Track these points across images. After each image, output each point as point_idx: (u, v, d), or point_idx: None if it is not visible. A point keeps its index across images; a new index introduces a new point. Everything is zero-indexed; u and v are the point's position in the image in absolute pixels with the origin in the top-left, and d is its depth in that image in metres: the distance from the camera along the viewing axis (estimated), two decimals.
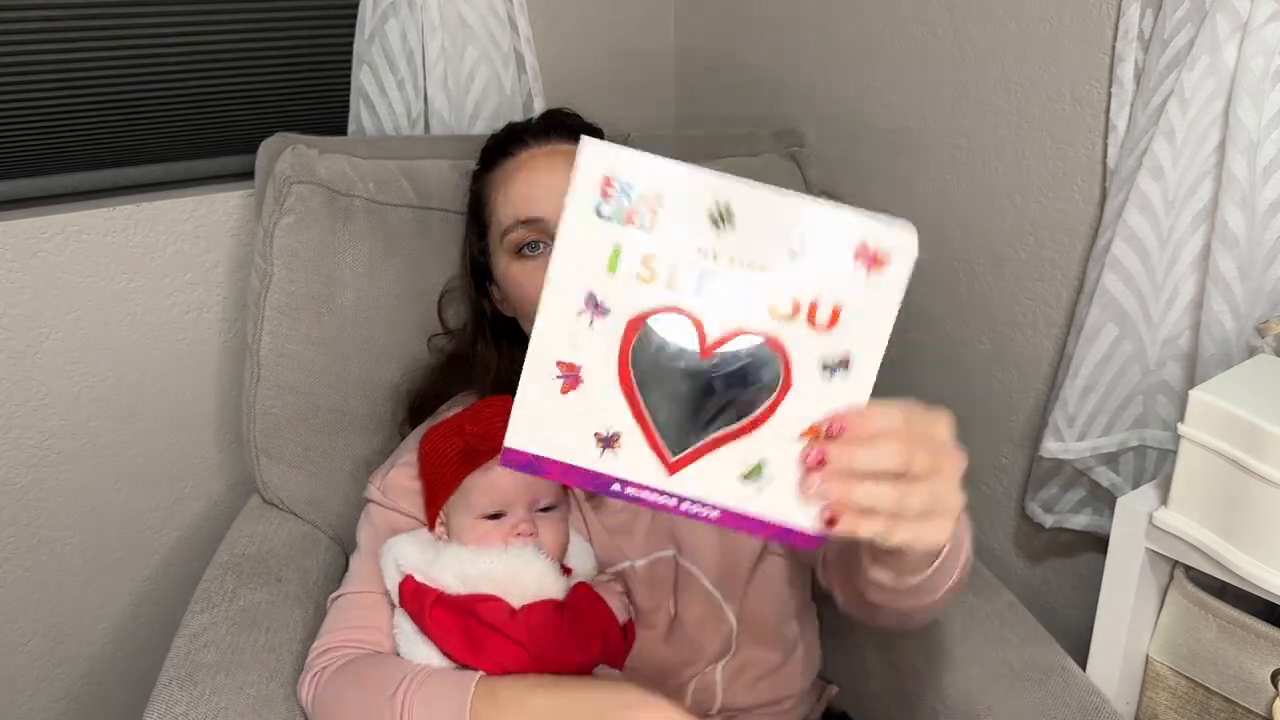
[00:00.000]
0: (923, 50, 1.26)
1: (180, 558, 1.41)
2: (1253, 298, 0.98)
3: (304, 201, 1.13)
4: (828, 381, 0.56)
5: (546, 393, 0.57)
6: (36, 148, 1.22)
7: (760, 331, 0.56)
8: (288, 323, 1.13)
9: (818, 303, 0.55)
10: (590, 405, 0.57)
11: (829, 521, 0.57)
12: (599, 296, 0.56)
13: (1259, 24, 0.90)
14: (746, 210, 0.54)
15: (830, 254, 0.54)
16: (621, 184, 0.54)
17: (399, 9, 1.25)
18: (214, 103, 1.30)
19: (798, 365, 0.56)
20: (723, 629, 0.97)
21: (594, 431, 0.58)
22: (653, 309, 0.56)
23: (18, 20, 1.13)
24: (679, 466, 0.59)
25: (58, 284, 1.22)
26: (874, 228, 0.54)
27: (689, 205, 0.54)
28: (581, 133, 1.04)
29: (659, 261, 0.55)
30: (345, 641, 0.91)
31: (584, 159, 0.54)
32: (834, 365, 0.56)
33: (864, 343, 0.56)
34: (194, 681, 0.92)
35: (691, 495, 0.59)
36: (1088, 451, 1.11)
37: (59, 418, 1.26)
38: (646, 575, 0.98)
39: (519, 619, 0.84)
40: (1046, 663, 0.98)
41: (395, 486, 0.97)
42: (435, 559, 0.88)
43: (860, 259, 0.54)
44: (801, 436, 0.57)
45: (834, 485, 0.56)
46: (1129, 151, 1.03)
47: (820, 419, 0.57)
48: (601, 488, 0.59)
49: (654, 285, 0.55)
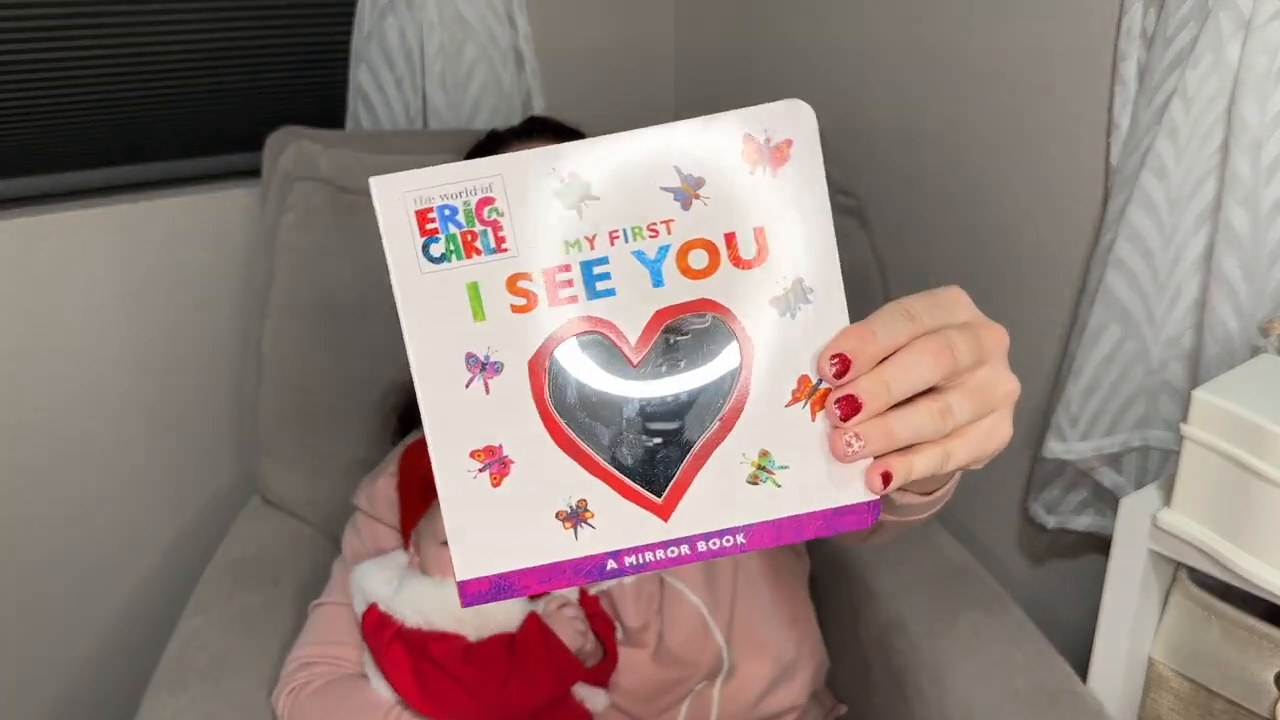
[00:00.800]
0: (924, 49, 1.26)
1: (179, 558, 1.40)
2: (1256, 297, 0.97)
3: (307, 198, 1.12)
4: (791, 321, 0.45)
5: (475, 496, 0.46)
6: (34, 146, 1.22)
7: (685, 302, 0.45)
8: (290, 321, 1.13)
9: (734, 236, 0.45)
10: (534, 485, 0.46)
11: (885, 478, 0.45)
12: (480, 354, 0.45)
13: (1262, 22, 0.89)
14: (596, 169, 0.44)
15: (718, 173, 0.44)
16: (442, 212, 0.44)
17: (397, 7, 1.24)
18: (212, 101, 1.30)
19: (748, 319, 0.45)
20: (711, 647, 0.95)
21: (554, 512, 0.47)
22: (549, 338, 0.45)
23: (15, 19, 1.13)
24: (671, 506, 0.47)
25: (55, 283, 1.22)
26: (753, 117, 0.44)
27: (531, 196, 0.44)
28: (561, 128, 1.04)
29: (529, 279, 0.44)
30: (322, 657, 0.91)
31: (380, 202, 0.44)
32: (789, 299, 0.45)
33: (810, 257, 0.45)
34: (183, 687, 0.92)
35: (702, 531, 0.47)
36: (1090, 452, 1.11)
37: (56, 418, 1.26)
38: (634, 593, 0.96)
39: (473, 658, 0.83)
40: (1054, 685, 0.96)
41: (382, 497, 0.96)
42: (398, 589, 0.87)
43: (756, 160, 0.44)
44: (793, 400, 0.46)
45: (873, 432, 0.43)
46: (1132, 150, 1.03)
47: (805, 368, 0.45)
48: (595, 574, 0.47)
49: (537, 310, 0.45)
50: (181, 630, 0.99)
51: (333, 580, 0.97)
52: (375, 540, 0.96)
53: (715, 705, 0.96)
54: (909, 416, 0.43)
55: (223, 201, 1.29)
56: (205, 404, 1.36)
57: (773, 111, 0.44)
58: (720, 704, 0.96)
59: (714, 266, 0.45)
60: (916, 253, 1.31)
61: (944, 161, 1.26)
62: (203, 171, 1.34)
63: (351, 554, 0.96)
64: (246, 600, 1.03)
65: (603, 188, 0.44)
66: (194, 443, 1.37)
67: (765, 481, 0.47)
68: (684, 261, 0.45)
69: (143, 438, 1.32)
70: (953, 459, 0.45)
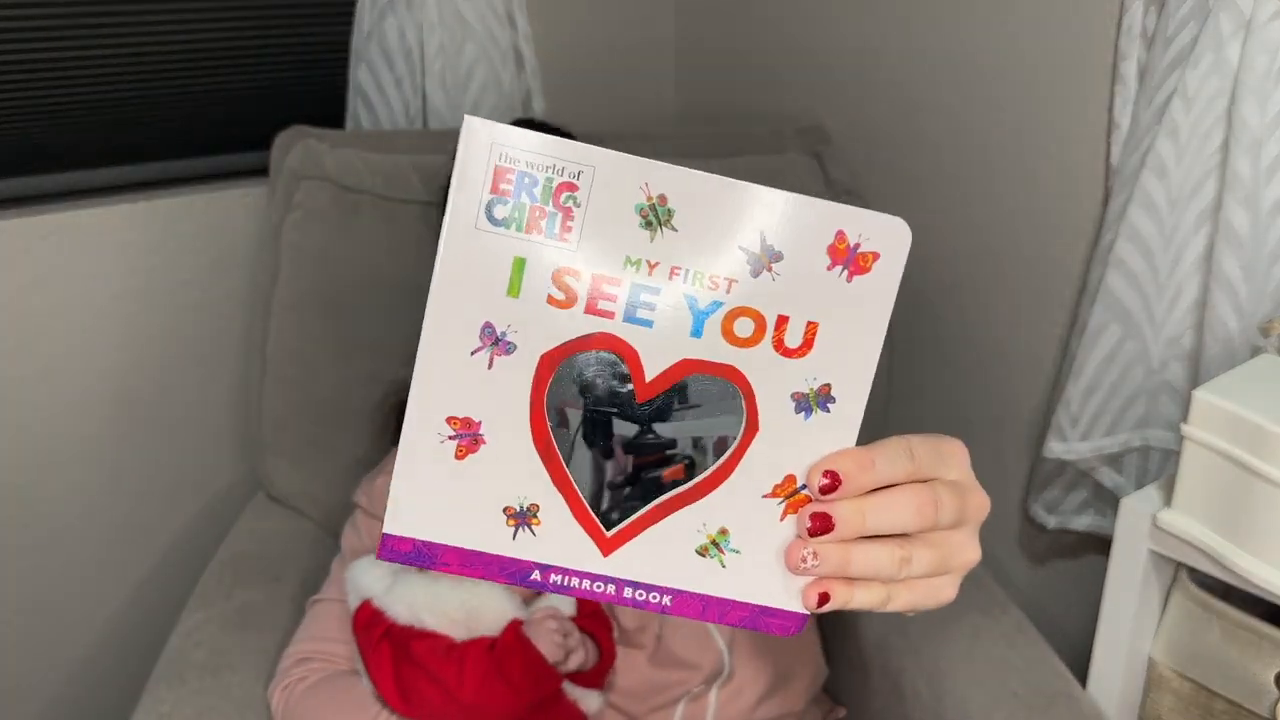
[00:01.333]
0: (924, 48, 1.26)
1: (180, 557, 1.40)
2: (1256, 297, 0.97)
3: (311, 197, 1.13)
4: (804, 421, 0.45)
5: (435, 459, 0.44)
6: (34, 146, 1.22)
7: (714, 362, 0.44)
8: (294, 319, 1.13)
9: (786, 320, 0.44)
10: (496, 472, 0.45)
11: (821, 599, 0.44)
12: (499, 329, 0.43)
13: (1262, 22, 0.89)
14: (686, 203, 0.42)
15: (798, 255, 0.43)
16: (522, 180, 0.42)
17: (397, 6, 1.24)
18: (211, 101, 1.30)
19: (764, 403, 0.45)
20: (712, 651, 0.95)
21: (502, 506, 0.45)
22: (572, 341, 0.44)
23: (16, 18, 1.13)
24: (616, 543, 0.46)
25: (55, 283, 1.21)
26: (854, 217, 0.43)
27: (613, 200, 0.42)
28: (548, 128, 1.04)
29: (576, 277, 0.43)
30: (318, 653, 0.91)
31: (469, 143, 0.42)
32: (810, 399, 0.45)
33: (847, 369, 0.44)
34: (182, 681, 0.92)
35: (635, 579, 0.47)
36: (1091, 452, 1.11)
37: (56, 418, 1.26)
38: None
39: (453, 656, 0.83)
40: (1051, 689, 0.96)
41: (381, 495, 0.97)
42: (391, 586, 0.87)
43: (838, 260, 0.43)
44: (772, 494, 0.45)
45: (831, 556, 0.43)
46: (1132, 150, 1.03)
47: (796, 469, 0.45)
48: (517, 578, 0.46)
49: (572, 310, 0.43)
50: (182, 625, 1.00)
51: (331, 577, 0.97)
52: (374, 538, 0.96)
53: (712, 708, 0.96)
54: (869, 553, 0.43)
55: (223, 201, 1.29)
56: (207, 402, 1.36)
57: (875, 220, 0.43)
58: (717, 707, 0.96)
59: (755, 340, 0.44)
60: (917, 252, 1.30)
61: (944, 161, 1.26)
62: (203, 171, 1.34)
63: (351, 551, 0.97)
64: (247, 596, 1.03)
65: (684, 222, 0.43)
66: (196, 441, 1.37)
67: (712, 557, 0.46)
68: (730, 324, 0.44)
69: (144, 436, 1.32)
70: (892, 603, 0.45)
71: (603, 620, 0.94)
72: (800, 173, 1.26)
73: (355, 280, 1.14)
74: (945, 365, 1.33)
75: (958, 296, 1.29)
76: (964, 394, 1.31)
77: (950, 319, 1.31)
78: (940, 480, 0.45)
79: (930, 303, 1.32)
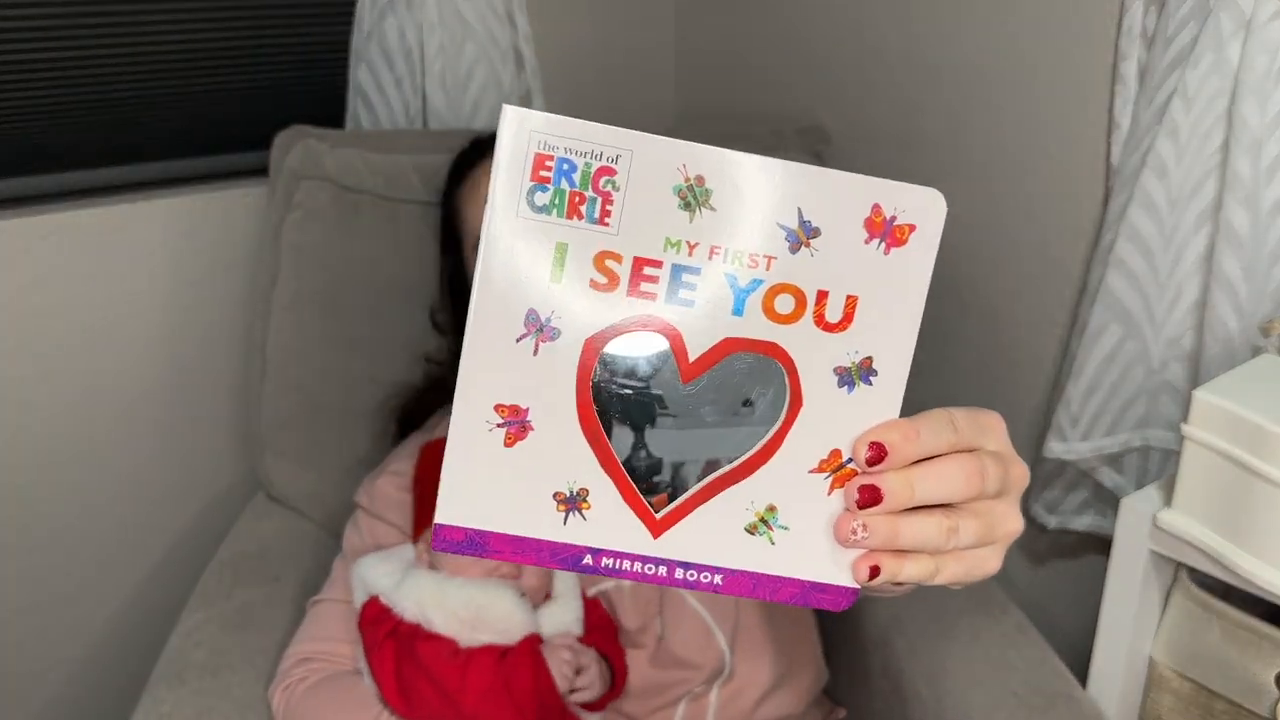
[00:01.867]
0: (924, 48, 1.26)
1: (180, 557, 1.40)
2: (1257, 297, 0.97)
3: (311, 197, 1.13)
4: (847, 394, 0.45)
5: (484, 448, 0.45)
6: (34, 146, 1.22)
7: (756, 340, 0.45)
8: (294, 319, 1.13)
9: (826, 295, 0.44)
10: (544, 459, 0.45)
11: (872, 571, 0.45)
12: (543, 315, 0.44)
13: (1263, 22, 0.89)
14: (724, 182, 0.43)
15: (836, 230, 0.44)
16: (561, 165, 0.43)
17: (397, 6, 1.24)
18: (211, 101, 1.30)
19: (807, 377, 0.45)
20: (713, 650, 0.95)
21: (552, 492, 0.46)
22: (615, 324, 0.44)
23: (13, 17, 1.13)
24: (666, 525, 0.47)
25: (55, 283, 1.21)
26: (889, 190, 0.43)
27: (651, 182, 0.43)
28: None
29: (618, 261, 0.44)
30: (319, 653, 0.91)
31: (508, 132, 0.42)
32: (853, 373, 0.46)
33: (888, 341, 0.45)
34: (182, 681, 0.92)
35: (686, 559, 0.47)
36: (1091, 452, 1.11)
37: (55, 418, 1.26)
38: (631, 594, 0.95)
39: (458, 661, 0.81)
40: (1052, 689, 0.96)
41: (382, 495, 0.96)
42: (400, 582, 0.86)
43: (875, 233, 0.44)
44: (818, 469, 0.46)
45: (880, 528, 0.44)
46: (1132, 150, 1.03)
47: (841, 443, 0.45)
48: (569, 563, 0.47)
49: (614, 293, 0.44)
50: (182, 625, 1.00)
51: (333, 577, 0.97)
52: (375, 538, 0.96)
53: (712, 708, 0.96)
54: (918, 525, 0.44)
55: (222, 201, 1.29)
56: (207, 402, 1.36)
57: (910, 193, 0.43)
58: (717, 707, 0.96)
59: (796, 316, 0.45)
60: None
61: (944, 161, 1.26)
62: (202, 171, 1.34)
63: (352, 551, 0.97)
64: (247, 596, 1.03)
65: (722, 201, 0.43)
66: (196, 441, 1.37)
67: (762, 535, 0.47)
68: (770, 301, 0.44)
69: (145, 436, 1.32)
70: (940, 575, 0.45)
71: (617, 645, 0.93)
72: None
73: (355, 280, 1.14)
74: (945, 365, 1.33)
75: (957, 296, 1.29)
76: (964, 394, 1.31)
77: (950, 318, 1.31)
78: (983, 450, 0.45)
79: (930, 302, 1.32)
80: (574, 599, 0.91)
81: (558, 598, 0.89)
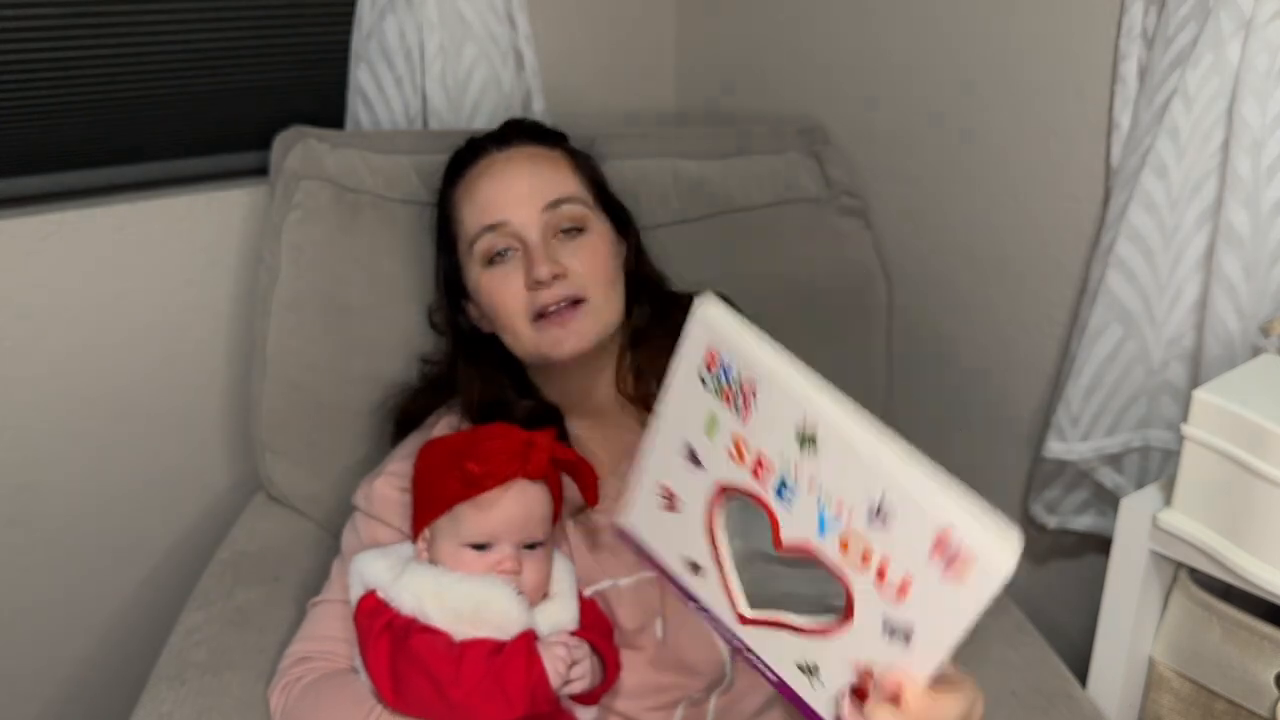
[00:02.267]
0: (925, 49, 1.26)
1: (180, 557, 1.40)
2: (1257, 297, 0.97)
3: (312, 197, 1.13)
4: (888, 639, 0.54)
5: (651, 503, 0.63)
6: (34, 146, 1.22)
7: (830, 564, 0.54)
8: (294, 319, 1.13)
9: (887, 564, 0.51)
10: (682, 532, 0.62)
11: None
12: (697, 452, 0.59)
13: (1263, 21, 0.89)
14: (831, 441, 0.52)
15: (908, 531, 0.50)
16: (723, 363, 0.55)
17: (397, 6, 1.24)
18: (211, 101, 1.30)
19: (861, 610, 0.54)
20: (714, 655, 0.94)
21: (683, 555, 0.62)
22: (738, 487, 0.58)
23: (14, 17, 1.13)
24: (748, 623, 0.60)
25: (54, 283, 1.22)
26: (964, 520, 0.49)
27: (779, 411, 0.54)
28: (539, 131, 1.02)
29: (747, 448, 0.56)
30: (318, 652, 0.91)
31: (695, 324, 0.56)
32: (896, 631, 0.53)
33: (931, 628, 0.52)
34: (182, 680, 0.93)
35: (757, 652, 0.61)
36: (1091, 452, 1.11)
37: (55, 418, 1.26)
38: (631, 594, 0.94)
39: (453, 654, 0.81)
40: (1051, 689, 0.96)
41: (380, 496, 0.96)
42: (400, 575, 0.86)
43: (938, 552, 0.49)
44: (854, 667, 0.56)
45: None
46: (1132, 150, 1.03)
47: (875, 665, 0.55)
48: (686, 599, 0.64)
49: (742, 468, 0.57)
50: (182, 624, 1.00)
51: (332, 578, 0.97)
52: (373, 539, 0.96)
53: (710, 716, 0.95)
54: None
55: (223, 201, 1.29)
56: (208, 402, 1.36)
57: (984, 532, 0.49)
58: (715, 715, 0.95)
59: (861, 566, 0.53)
60: (918, 253, 1.31)
61: (945, 161, 1.26)
62: (203, 171, 1.34)
63: (350, 552, 0.96)
64: (247, 595, 1.03)
65: (826, 454, 0.52)
66: (196, 441, 1.37)
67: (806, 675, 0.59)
68: (845, 541, 0.53)
69: (145, 436, 1.32)
70: None
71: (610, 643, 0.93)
72: (799, 172, 1.26)
73: (355, 280, 1.14)
74: (946, 365, 1.33)
75: (958, 296, 1.29)
76: (965, 393, 1.31)
77: (951, 318, 1.31)
78: None
79: (931, 302, 1.32)
80: (571, 599, 0.91)
81: (555, 597, 0.89)
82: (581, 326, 0.94)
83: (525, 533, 0.86)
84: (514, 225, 0.94)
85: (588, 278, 0.94)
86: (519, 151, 0.99)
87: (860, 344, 1.27)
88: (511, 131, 1.03)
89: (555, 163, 0.99)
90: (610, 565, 0.95)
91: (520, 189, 0.95)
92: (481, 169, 0.99)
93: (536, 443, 0.84)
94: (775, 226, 1.23)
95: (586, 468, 0.87)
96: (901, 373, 1.38)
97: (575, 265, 0.94)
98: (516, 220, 0.94)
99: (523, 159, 0.98)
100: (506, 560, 0.85)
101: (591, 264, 0.95)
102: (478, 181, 0.98)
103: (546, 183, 0.96)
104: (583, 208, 0.97)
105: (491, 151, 1.00)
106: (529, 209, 0.94)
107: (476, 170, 0.99)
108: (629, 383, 1.02)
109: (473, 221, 0.97)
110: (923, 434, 0.58)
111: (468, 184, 0.99)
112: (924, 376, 1.36)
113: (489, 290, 0.96)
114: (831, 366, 1.31)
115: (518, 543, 0.86)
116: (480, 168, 0.99)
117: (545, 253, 0.93)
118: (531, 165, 0.98)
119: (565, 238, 0.95)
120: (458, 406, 1.04)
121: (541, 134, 1.03)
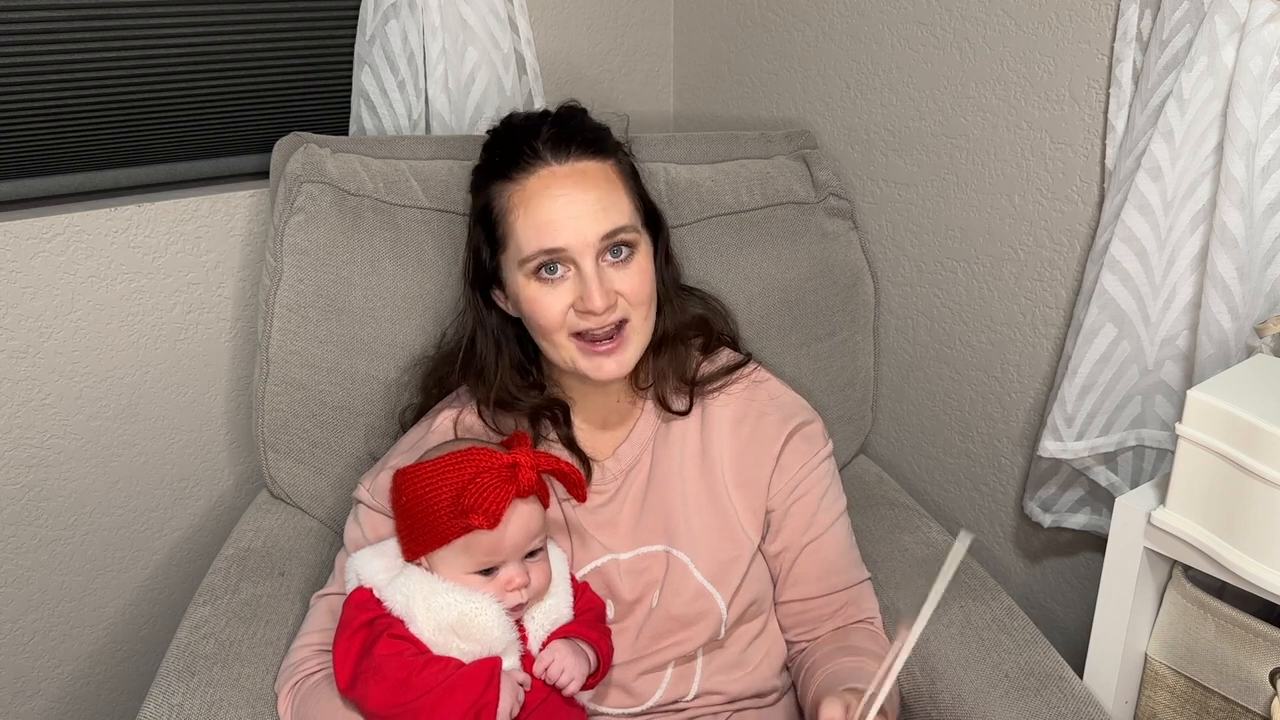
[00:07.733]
0: (922, 50, 1.27)
1: (182, 556, 1.41)
2: (1251, 298, 0.98)
3: (314, 201, 1.14)
4: None
5: None
6: (39, 148, 1.23)
7: None
8: (297, 320, 1.14)
9: None
10: None
11: None
12: None
13: (1257, 25, 0.90)
14: None
15: None
16: None
17: (400, 10, 1.25)
18: (215, 104, 1.30)
19: None
20: (713, 617, 0.98)
21: None
22: None
23: (21, 20, 1.14)
24: None
25: (59, 284, 1.22)
26: None
27: None
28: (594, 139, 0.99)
29: None
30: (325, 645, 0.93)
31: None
32: None
33: None
34: (192, 672, 0.93)
35: None
36: (1086, 451, 1.11)
37: (60, 418, 1.27)
38: (631, 568, 0.99)
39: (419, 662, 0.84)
40: (1044, 671, 0.97)
41: (383, 490, 0.97)
42: (395, 577, 0.88)
43: None
44: None
45: None
46: (1127, 152, 1.03)
47: None
48: None
49: None
50: (189, 618, 1.01)
51: (335, 572, 0.98)
52: (375, 531, 0.97)
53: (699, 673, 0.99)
54: None
55: (227, 204, 1.30)
56: (211, 402, 1.37)
57: None
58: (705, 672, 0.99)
59: None
60: (916, 254, 1.32)
61: (939, 163, 1.27)
62: (207, 174, 1.35)
63: (353, 544, 0.98)
64: (254, 590, 1.04)
65: None
66: (199, 440, 1.37)
67: None
68: None
69: (150, 435, 1.33)
70: None
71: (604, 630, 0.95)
72: (788, 176, 1.28)
73: (357, 282, 1.15)
74: (941, 365, 1.34)
75: (954, 297, 1.30)
76: (960, 393, 1.32)
77: (946, 319, 1.32)
78: None
79: (928, 303, 1.33)
80: (565, 591, 0.94)
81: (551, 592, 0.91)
82: (624, 356, 0.95)
83: (527, 547, 0.88)
84: (571, 252, 0.92)
85: (632, 298, 0.94)
86: (577, 169, 0.95)
87: (848, 341, 1.29)
88: (569, 138, 0.96)
89: (611, 182, 0.96)
90: (610, 540, 0.98)
91: (582, 220, 0.92)
92: (541, 183, 0.94)
93: (519, 462, 0.85)
94: (765, 228, 1.24)
95: (571, 471, 0.88)
96: (899, 373, 1.39)
97: (624, 288, 0.94)
98: (574, 248, 0.92)
99: (584, 181, 0.94)
100: (515, 578, 0.87)
101: (637, 286, 0.95)
102: (537, 199, 0.93)
103: (606, 210, 0.93)
104: (634, 232, 0.96)
105: (550, 162, 0.94)
106: (588, 238, 0.92)
107: (535, 182, 0.94)
108: (646, 381, 1.03)
109: (529, 240, 0.93)
110: (919, 434, 0.58)
111: (525, 195, 0.94)
112: (921, 377, 1.37)
113: (532, 300, 0.94)
114: (820, 363, 1.32)
115: (522, 556, 0.88)
116: (539, 181, 0.94)
117: (600, 283, 0.92)
118: (593, 190, 0.94)
119: (613, 257, 0.94)
120: (460, 398, 1.05)
121: (596, 142, 0.98)
